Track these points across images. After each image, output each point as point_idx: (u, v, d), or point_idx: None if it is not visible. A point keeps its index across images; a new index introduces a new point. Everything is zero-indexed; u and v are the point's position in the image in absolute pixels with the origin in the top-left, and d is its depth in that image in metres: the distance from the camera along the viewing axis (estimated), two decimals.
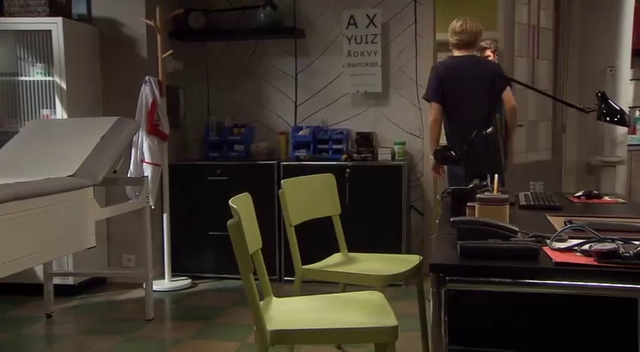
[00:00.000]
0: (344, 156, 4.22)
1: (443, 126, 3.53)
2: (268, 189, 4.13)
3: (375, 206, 4.05)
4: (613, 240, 1.55)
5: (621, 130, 4.05)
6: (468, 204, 2.12)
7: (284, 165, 4.16)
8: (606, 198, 2.69)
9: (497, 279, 1.48)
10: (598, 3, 4.10)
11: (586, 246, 1.55)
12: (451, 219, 1.77)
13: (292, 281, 2.56)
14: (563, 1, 4.38)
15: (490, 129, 2.55)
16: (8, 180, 2.57)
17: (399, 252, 4.03)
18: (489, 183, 2.46)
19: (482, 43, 4.90)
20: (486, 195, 2.08)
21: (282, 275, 4.19)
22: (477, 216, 2.02)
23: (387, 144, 4.36)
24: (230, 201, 1.77)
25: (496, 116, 2.63)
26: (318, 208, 2.72)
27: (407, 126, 4.38)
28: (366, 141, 4.32)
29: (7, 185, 2.42)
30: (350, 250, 2.86)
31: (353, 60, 4.34)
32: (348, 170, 4.07)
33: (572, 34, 4.21)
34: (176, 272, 4.24)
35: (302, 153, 4.31)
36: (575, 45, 4.17)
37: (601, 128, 4.10)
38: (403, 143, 4.30)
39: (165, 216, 4.09)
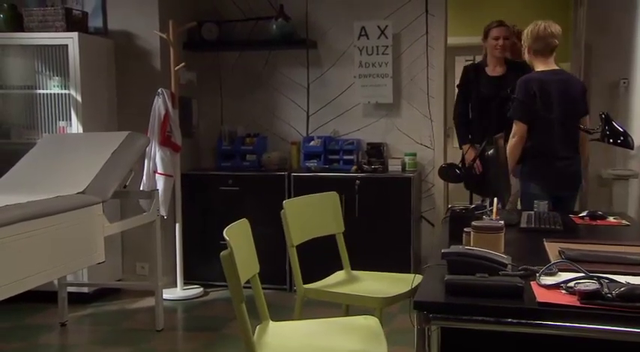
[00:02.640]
0: (354, 167, 4.25)
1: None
2: (279, 199, 4.10)
3: (385, 218, 4.07)
4: (598, 278, 1.56)
5: (635, 142, 4.00)
6: (465, 229, 2.14)
7: (294, 176, 4.20)
8: (610, 218, 2.67)
9: (481, 318, 1.50)
10: (611, 14, 4.05)
11: (572, 283, 1.56)
12: (442, 251, 1.79)
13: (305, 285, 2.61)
14: (576, 12, 4.34)
15: (491, 151, 2.56)
16: (21, 198, 2.65)
17: (408, 264, 4.05)
18: (489, 206, 2.47)
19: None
20: (482, 222, 2.10)
21: (291, 284, 4.23)
22: (471, 243, 2.04)
23: (398, 154, 4.37)
24: (225, 232, 1.82)
25: (497, 137, 2.63)
26: (320, 227, 2.76)
27: (418, 137, 4.39)
28: (377, 151, 4.33)
29: (19, 205, 2.50)
30: (359, 262, 2.92)
31: (364, 71, 4.36)
32: (357, 182, 4.09)
33: (584, 46, 4.17)
34: (189, 280, 4.32)
35: (313, 163, 4.35)
36: (588, 57, 4.13)
37: None
38: (414, 154, 4.31)
39: (177, 225, 4.17)
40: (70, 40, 3.85)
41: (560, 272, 1.72)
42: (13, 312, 3.72)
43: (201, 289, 4.25)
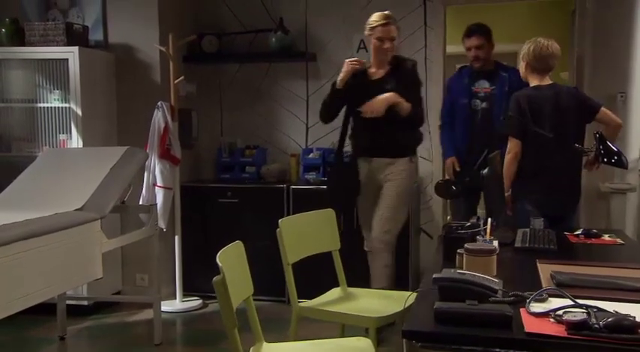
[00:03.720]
0: None
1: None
2: (278, 211, 4.18)
3: None
4: (587, 308, 1.57)
5: (633, 156, 4.00)
6: (458, 251, 2.15)
7: (293, 189, 4.21)
8: (605, 237, 2.68)
9: (469, 348, 1.51)
10: (608, 27, 4.06)
11: (560, 312, 1.58)
12: (433, 276, 1.80)
13: (300, 302, 2.65)
14: (574, 24, 4.35)
15: (487, 170, 2.57)
16: (20, 215, 2.67)
17: (406, 276, 4.06)
18: (482, 225, 2.48)
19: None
20: (474, 244, 2.11)
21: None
22: (464, 265, 2.05)
23: None
24: (218, 257, 1.83)
25: (494, 155, 2.64)
26: (317, 244, 2.77)
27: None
28: None
29: (17, 224, 2.52)
30: (357, 275, 2.93)
31: None
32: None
33: (582, 59, 4.18)
34: (188, 291, 4.33)
35: (312, 175, 4.36)
36: (584, 69, 4.14)
37: None
38: None
39: (177, 238, 4.19)
40: (71, 54, 3.88)
41: (550, 298, 1.73)
42: (12, 325, 3.72)
43: (201, 301, 4.26)
